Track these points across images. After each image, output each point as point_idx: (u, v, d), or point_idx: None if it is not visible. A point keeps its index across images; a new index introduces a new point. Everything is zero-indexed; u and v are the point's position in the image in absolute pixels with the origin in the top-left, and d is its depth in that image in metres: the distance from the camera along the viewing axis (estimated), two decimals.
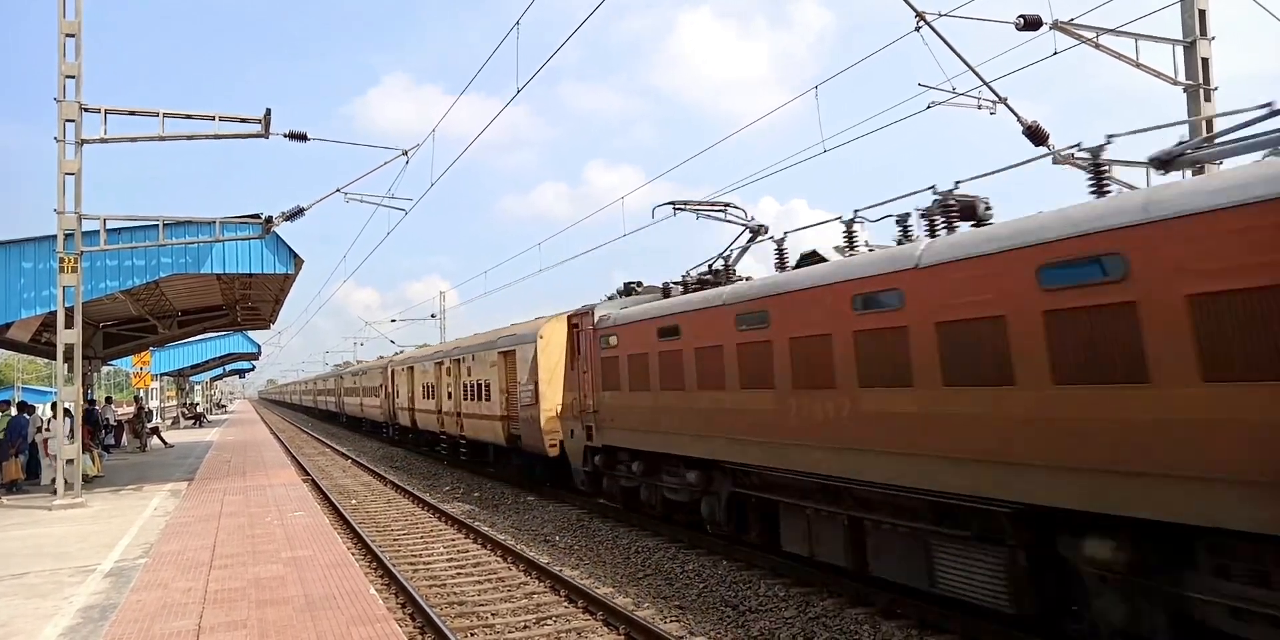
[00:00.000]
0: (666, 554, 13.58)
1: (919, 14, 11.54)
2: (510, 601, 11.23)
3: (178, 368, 52.34)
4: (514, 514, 18.68)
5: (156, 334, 32.17)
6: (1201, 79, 12.67)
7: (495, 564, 13.56)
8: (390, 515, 19.03)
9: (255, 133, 18.47)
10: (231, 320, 34.20)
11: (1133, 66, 12.60)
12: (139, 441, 33.62)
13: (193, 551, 12.25)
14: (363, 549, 14.47)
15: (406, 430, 36.98)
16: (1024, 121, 11.42)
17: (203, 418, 59.17)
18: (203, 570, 10.97)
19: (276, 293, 28.05)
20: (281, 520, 14.96)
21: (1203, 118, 11.96)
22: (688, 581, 11.91)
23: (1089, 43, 12.31)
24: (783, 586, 11.17)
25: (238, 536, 13.40)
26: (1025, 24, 11.77)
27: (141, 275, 19.42)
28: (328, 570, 10.84)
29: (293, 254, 20.29)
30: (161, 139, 18.05)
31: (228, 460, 27.66)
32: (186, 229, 19.00)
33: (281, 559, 11.62)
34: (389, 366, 40.83)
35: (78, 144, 17.38)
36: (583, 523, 16.83)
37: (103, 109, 17.71)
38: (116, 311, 27.80)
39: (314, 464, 30.83)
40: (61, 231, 17.33)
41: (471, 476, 25.97)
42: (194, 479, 22.02)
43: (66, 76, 17.35)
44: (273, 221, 18.95)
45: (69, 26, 17.34)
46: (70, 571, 11.20)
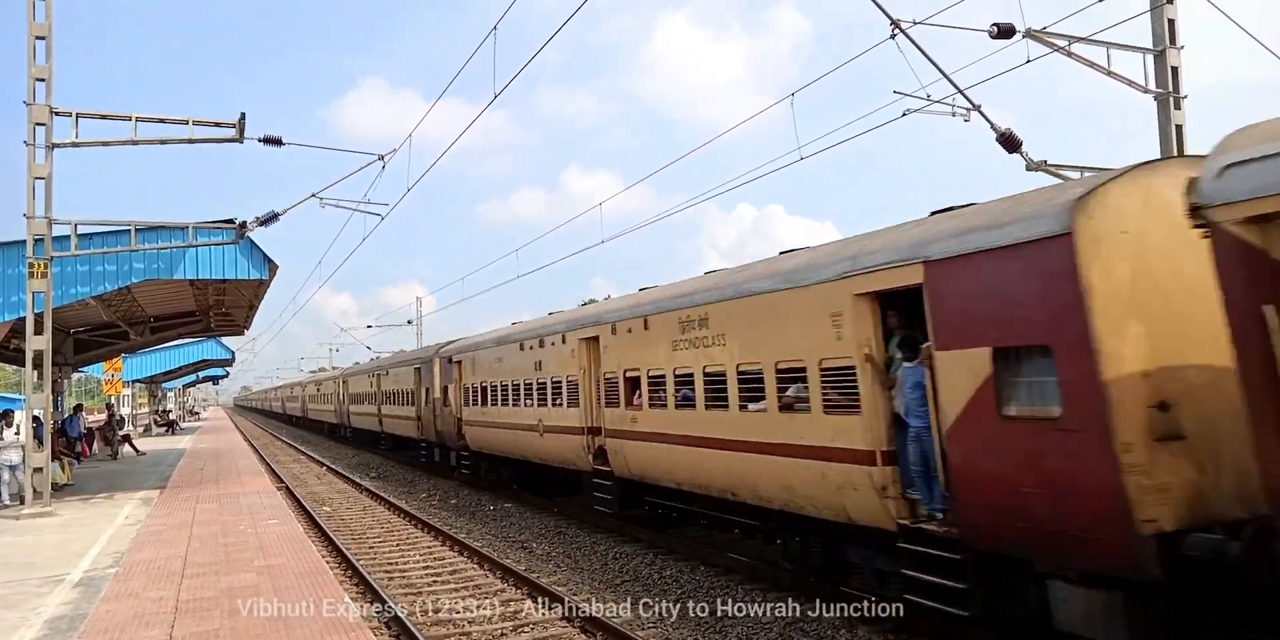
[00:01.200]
0: (644, 560, 13.56)
1: (894, 22, 11.62)
2: (487, 609, 11.16)
3: (150, 374, 51.67)
4: (491, 521, 18.59)
5: (128, 340, 31.77)
6: (1171, 87, 12.86)
7: (472, 571, 13.48)
8: (366, 522, 18.87)
9: (229, 137, 18.33)
10: (205, 326, 33.85)
11: (1104, 75, 12.76)
12: (110, 449, 33.17)
13: (164, 560, 12.10)
14: (338, 557, 14.34)
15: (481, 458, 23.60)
16: (997, 129, 11.52)
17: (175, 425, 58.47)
18: (174, 579, 10.84)
19: (251, 298, 27.79)
20: (255, 528, 14.81)
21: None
22: (665, 587, 11.90)
23: (1061, 51, 12.44)
24: (760, 591, 11.18)
25: (210, 545, 13.26)
26: (999, 32, 11.87)
27: (113, 281, 19.20)
28: (301, 578, 10.73)
29: (267, 259, 20.12)
30: (134, 143, 17.87)
31: (201, 468, 27.36)
32: (159, 234, 18.81)
33: (255, 567, 11.50)
34: (448, 356, 25.71)
35: (48, 148, 17.17)
36: (560, 530, 16.77)
37: (74, 113, 17.52)
38: (88, 317, 27.44)
39: (288, 471, 30.53)
40: (31, 236, 17.09)
41: (448, 483, 25.83)
42: (166, 487, 21.77)
43: (36, 80, 17.15)
44: (247, 226, 18.79)
45: (39, 29, 17.13)
46: (38, 582, 11.03)
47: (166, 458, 32.00)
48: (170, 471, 26.11)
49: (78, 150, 18.07)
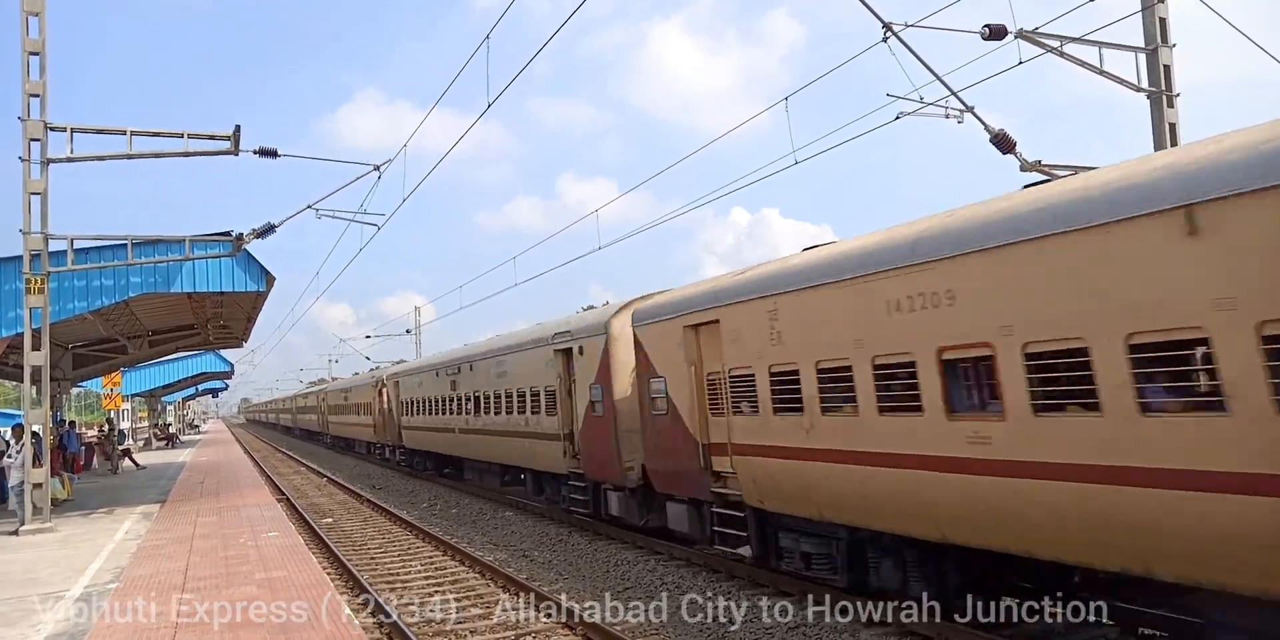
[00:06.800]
0: (645, 567, 13.52)
1: (886, 25, 11.65)
2: (489, 618, 11.12)
3: (149, 388, 51.67)
4: (492, 530, 18.55)
5: (127, 354, 31.76)
6: (1164, 85, 12.88)
7: (474, 581, 13.44)
8: (367, 533, 18.82)
9: (225, 150, 18.31)
10: (203, 339, 33.83)
11: (1096, 74, 12.78)
12: (110, 464, 33.11)
13: (165, 575, 12.06)
14: (339, 569, 14.29)
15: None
16: (991, 130, 11.53)
17: (175, 438, 58.37)
18: (175, 594, 10.79)
19: (249, 310, 27.78)
20: (256, 541, 14.76)
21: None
22: (667, 594, 11.86)
23: (1054, 51, 12.46)
24: (763, 597, 11.13)
25: (211, 559, 13.21)
26: (990, 34, 11.90)
27: (110, 295, 19.18)
28: (303, 591, 10.69)
29: (264, 271, 20.12)
30: (129, 157, 17.86)
31: (201, 481, 27.29)
32: (156, 248, 18.81)
33: (256, 581, 11.46)
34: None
35: (43, 163, 17.16)
36: (561, 537, 16.74)
37: (69, 128, 17.51)
38: (86, 332, 27.41)
39: (289, 484, 30.48)
40: (28, 252, 17.07)
41: (449, 492, 25.81)
42: (166, 501, 21.71)
43: (31, 95, 17.14)
44: (243, 239, 18.78)
45: (33, 44, 17.14)
46: (38, 598, 10.97)
47: (166, 471, 31.93)
48: (170, 485, 26.04)
49: (73, 165, 18.07)
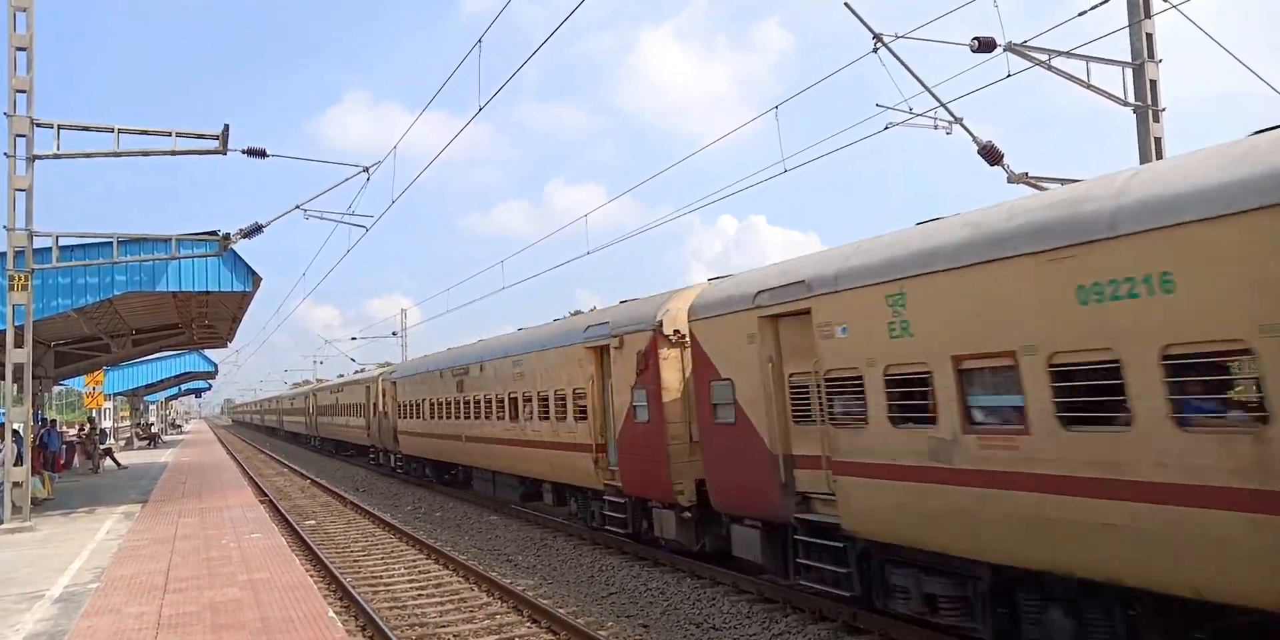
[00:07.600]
0: (630, 572, 13.51)
1: (876, 36, 11.75)
2: (472, 622, 11.10)
3: (132, 387, 51.30)
4: (476, 533, 18.50)
5: (110, 353, 31.52)
6: (1150, 100, 13.00)
7: (457, 584, 13.41)
8: (351, 536, 18.74)
9: (213, 149, 18.27)
10: (188, 339, 33.63)
11: (1084, 88, 12.89)
12: (92, 463, 32.85)
13: (146, 575, 11.99)
14: (322, 571, 14.23)
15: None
16: (979, 141, 11.63)
17: (157, 438, 57.97)
18: (157, 594, 10.73)
19: (234, 311, 27.65)
20: (238, 542, 14.69)
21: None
22: (651, 600, 11.86)
23: (1042, 65, 12.57)
24: (746, 603, 11.14)
25: (193, 559, 13.14)
26: (980, 46, 11.99)
27: (95, 293, 19.08)
28: (285, 593, 10.65)
29: (251, 271, 20.05)
30: (116, 155, 17.80)
31: (183, 481, 27.14)
32: (141, 246, 18.71)
33: (238, 582, 11.41)
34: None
35: (29, 160, 17.07)
36: (545, 542, 16.71)
37: (56, 124, 17.43)
38: (69, 330, 27.21)
39: (272, 485, 30.31)
40: (12, 249, 16.98)
41: (433, 496, 25.72)
42: (148, 501, 21.57)
43: (17, 91, 17.06)
44: (230, 238, 18.72)
45: (20, 40, 17.06)
46: (17, 598, 10.89)
47: (149, 471, 31.72)
48: (152, 485, 25.88)
49: (59, 162, 17.99)
